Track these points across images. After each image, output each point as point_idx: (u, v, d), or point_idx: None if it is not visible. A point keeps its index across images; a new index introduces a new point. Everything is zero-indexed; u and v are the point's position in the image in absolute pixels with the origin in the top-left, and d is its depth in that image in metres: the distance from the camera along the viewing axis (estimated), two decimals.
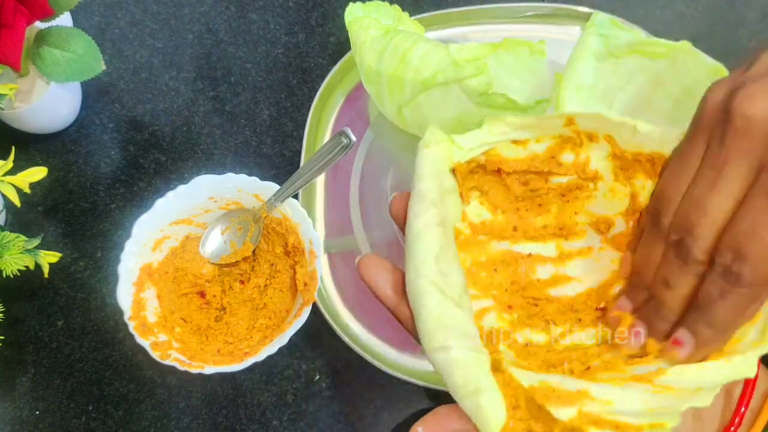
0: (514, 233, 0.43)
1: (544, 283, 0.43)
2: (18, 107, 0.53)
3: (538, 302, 0.42)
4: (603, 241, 0.42)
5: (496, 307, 0.41)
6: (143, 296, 0.49)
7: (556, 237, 0.43)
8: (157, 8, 0.65)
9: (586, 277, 0.42)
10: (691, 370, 0.32)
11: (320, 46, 0.63)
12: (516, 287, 0.42)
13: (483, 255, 0.43)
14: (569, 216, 0.43)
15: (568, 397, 0.33)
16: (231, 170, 0.51)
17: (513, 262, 0.43)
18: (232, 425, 0.51)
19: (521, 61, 0.57)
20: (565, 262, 0.43)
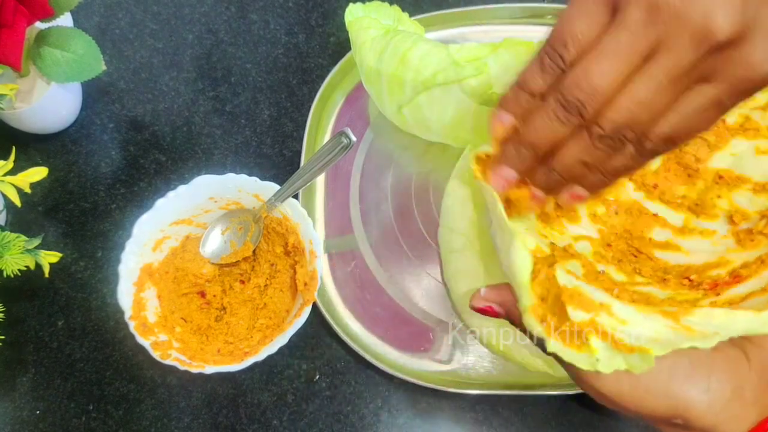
0: (653, 190, 0.43)
1: (656, 243, 0.43)
2: (18, 107, 0.54)
3: (639, 255, 0.42)
4: (729, 232, 0.42)
5: (597, 241, 0.42)
6: (144, 296, 0.49)
7: (689, 211, 0.43)
8: (157, 8, 0.65)
9: (696, 253, 0.42)
10: (719, 314, 0.32)
11: (320, 46, 0.64)
12: (626, 235, 0.43)
13: (612, 194, 0.43)
14: (711, 197, 0.43)
15: (590, 305, 0.34)
16: (231, 170, 0.51)
17: (637, 214, 0.43)
18: (232, 425, 0.51)
19: (521, 61, 0.57)
20: (685, 235, 0.43)
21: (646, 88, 0.29)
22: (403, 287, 0.54)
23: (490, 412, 0.50)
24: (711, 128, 0.34)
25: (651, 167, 0.44)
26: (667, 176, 0.44)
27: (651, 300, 0.38)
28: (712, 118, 0.31)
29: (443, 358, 0.51)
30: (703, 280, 0.40)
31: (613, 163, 0.32)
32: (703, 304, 0.37)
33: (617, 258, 0.42)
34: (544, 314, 0.35)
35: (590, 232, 0.43)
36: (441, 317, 0.52)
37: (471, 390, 0.50)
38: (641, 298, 0.38)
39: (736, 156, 0.42)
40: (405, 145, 0.58)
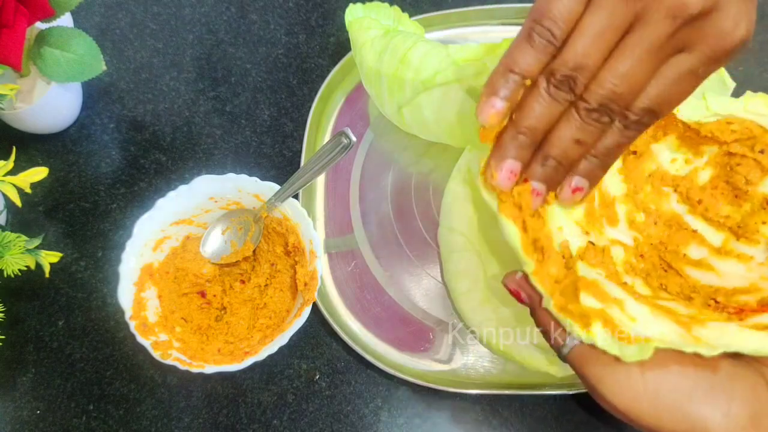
0: (697, 206, 0.43)
1: (689, 261, 0.42)
2: (19, 107, 0.54)
3: (669, 270, 0.42)
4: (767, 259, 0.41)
5: (630, 249, 0.41)
6: (144, 296, 0.49)
7: (731, 232, 0.43)
8: (157, 9, 0.65)
9: (728, 276, 0.41)
10: (731, 330, 0.32)
11: (320, 46, 0.64)
12: (661, 247, 0.42)
13: (654, 203, 0.43)
14: (755, 221, 0.42)
15: (604, 297, 0.34)
16: (231, 170, 0.51)
17: (677, 227, 0.43)
18: (232, 425, 0.51)
19: None
20: (721, 256, 0.42)
21: (625, 62, 0.30)
22: (403, 287, 0.54)
23: (490, 412, 0.50)
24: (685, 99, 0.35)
25: (698, 182, 0.43)
26: (714, 193, 0.43)
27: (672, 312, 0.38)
28: (688, 88, 0.32)
29: (443, 358, 0.51)
30: (730, 304, 0.39)
31: (605, 142, 0.33)
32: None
33: (646, 270, 0.41)
34: (552, 290, 0.35)
35: (626, 238, 0.42)
36: (441, 317, 0.52)
37: (471, 390, 0.50)
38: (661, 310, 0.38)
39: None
40: (405, 145, 0.58)
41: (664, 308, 0.38)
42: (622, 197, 0.43)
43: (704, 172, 0.43)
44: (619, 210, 0.42)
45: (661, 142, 0.43)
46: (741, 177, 0.42)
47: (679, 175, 0.43)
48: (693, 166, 0.43)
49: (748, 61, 0.59)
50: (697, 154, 0.43)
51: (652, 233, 0.43)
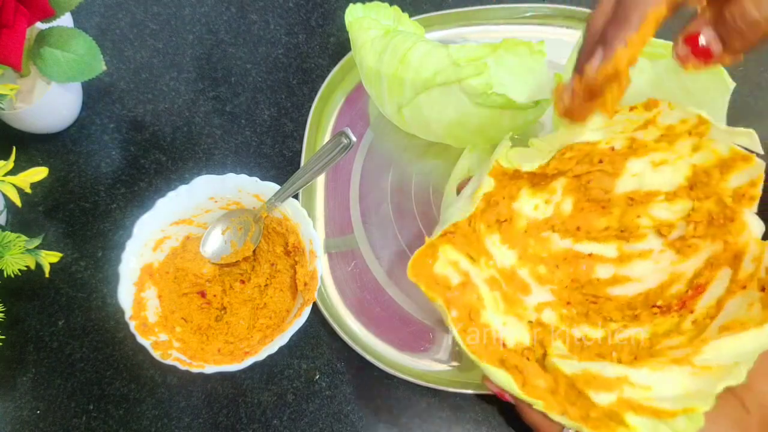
0: (577, 232, 0.45)
1: (604, 282, 0.44)
2: (19, 107, 0.54)
3: (597, 300, 0.44)
4: (664, 244, 0.43)
5: (555, 303, 0.43)
6: (144, 296, 0.49)
7: (618, 239, 0.45)
8: (157, 9, 0.65)
9: (646, 278, 0.43)
10: (727, 343, 0.33)
11: (320, 46, 0.64)
12: (576, 284, 0.44)
13: (544, 251, 0.45)
14: (632, 219, 0.44)
15: (608, 383, 0.35)
16: (231, 170, 0.51)
17: (574, 260, 0.45)
18: (232, 424, 0.51)
19: (521, 62, 0.57)
20: (625, 263, 0.44)
21: None
22: (403, 287, 0.54)
23: (490, 412, 0.50)
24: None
25: (565, 212, 0.45)
26: (584, 215, 0.45)
27: (640, 346, 0.39)
28: None
29: (443, 358, 0.51)
30: (669, 302, 0.41)
31: None
32: (686, 326, 0.38)
33: (582, 312, 0.43)
34: (562, 408, 0.35)
35: (545, 296, 0.44)
36: (441, 317, 0.52)
37: (471, 390, 0.50)
38: (630, 349, 0.39)
39: (637, 176, 0.44)
40: (405, 145, 0.58)
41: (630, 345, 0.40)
42: (518, 262, 0.45)
43: (565, 203, 0.45)
44: (522, 275, 0.44)
45: (518, 199, 0.45)
46: (597, 190, 0.44)
47: (547, 217, 0.45)
48: (553, 203, 0.45)
49: (748, 61, 0.59)
50: (551, 191, 0.45)
51: (561, 277, 0.44)
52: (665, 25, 0.63)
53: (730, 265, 0.40)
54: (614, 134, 0.42)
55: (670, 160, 0.42)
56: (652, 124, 0.42)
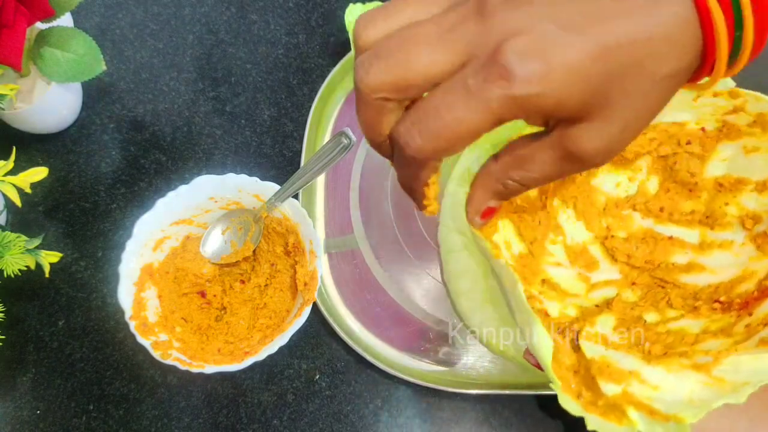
0: (660, 213, 0.43)
1: (679, 267, 0.42)
2: (19, 107, 0.54)
3: (665, 285, 0.42)
4: (746, 238, 0.41)
5: (621, 281, 0.42)
6: (144, 296, 0.49)
7: (702, 225, 0.43)
8: (157, 9, 0.65)
9: (721, 270, 0.41)
10: (746, 360, 0.32)
11: (320, 46, 0.64)
12: (649, 266, 0.42)
13: (623, 229, 0.43)
14: (719, 206, 0.42)
15: (619, 375, 0.34)
16: (231, 170, 0.51)
17: (653, 242, 0.43)
18: (232, 425, 0.51)
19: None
20: (705, 251, 0.42)
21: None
22: (403, 287, 0.54)
23: (490, 412, 0.50)
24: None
25: (651, 192, 0.43)
26: (669, 196, 0.43)
27: (686, 338, 0.38)
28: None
29: (443, 358, 0.51)
30: (733, 300, 0.39)
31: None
32: (738, 329, 0.37)
33: (643, 295, 0.41)
34: (578, 389, 0.35)
35: (612, 274, 0.42)
36: (441, 317, 0.52)
37: (471, 390, 0.50)
38: (675, 340, 0.38)
39: (727, 161, 0.42)
40: None
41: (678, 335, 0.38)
42: (590, 239, 0.43)
43: (650, 182, 0.43)
44: (593, 251, 0.43)
45: (598, 175, 0.43)
46: (684, 172, 0.42)
47: (630, 195, 0.43)
48: (637, 181, 0.43)
49: None
50: (635, 170, 0.43)
51: (635, 256, 0.43)
52: None
53: None
54: (704, 115, 0.40)
55: (763, 147, 0.40)
56: (742, 110, 0.40)
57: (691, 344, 0.37)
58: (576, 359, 0.36)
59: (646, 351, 0.37)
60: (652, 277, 0.42)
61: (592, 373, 0.34)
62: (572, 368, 0.36)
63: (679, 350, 0.37)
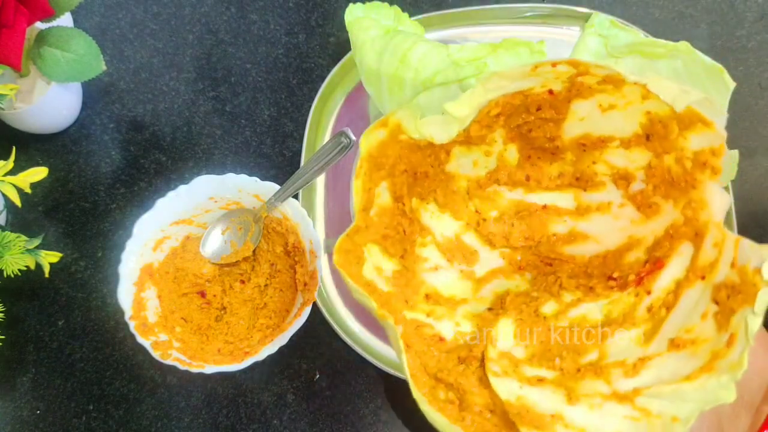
0: (528, 182, 0.40)
1: (561, 238, 0.40)
2: (19, 107, 0.54)
3: (552, 262, 0.40)
4: (624, 197, 0.39)
5: (506, 269, 0.40)
6: (144, 296, 0.49)
7: (573, 187, 0.40)
8: (157, 9, 0.65)
9: (604, 237, 0.40)
10: (668, 389, 0.31)
11: (320, 46, 0.64)
12: (530, 242, 0.40)
13: (492, 208, 0.40)
14: (587, 165, 0.40)
15: (542, 422, 0.33)
16: (231, 170, 0.51)
17: (527, 215, 0.40)
18: (232, 425, 0.51)
19: (521, 62, 0.57)
20: (583, 215, 0.40)
21: None
22: None
23: None
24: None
25: (512, 162, 0.40)
26: (532, 162, 0.40)
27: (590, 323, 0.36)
28: None
29: None
30: (626, 274, 0.37)
31: None
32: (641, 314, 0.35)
33: (533, 280, 0.39)
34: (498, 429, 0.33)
35: (495, 261, 0.40)
36: None
37: None
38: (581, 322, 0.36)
39: (585, 120, 0.39)
40: None
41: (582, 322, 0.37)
42: (461, 228, 0.40)
43: (509, 152, 0.40)
44: (468, 241, 0.40)
45: (451, 161, 0.39)
46: (542, 138, 0.39)
47: (490, 170, 0.40)
48: (495, 154, 0.40)
49: (747, 60, 0.59)
50: (490, 143, 0.40)
51: (513, 235, 0.40)
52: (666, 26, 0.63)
53: (692, 241, 0.36)
54: (548, 80, 0.37)
55: (619, 105, 0.37)
56: (587, 74, 0.37)
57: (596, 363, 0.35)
58: (488, 397, 0.34)
59: (559, 369, 0.35)
60: (537, 255, 0.39)
61: (511, 418, 0.33)
62: (487, 408, 0.34)
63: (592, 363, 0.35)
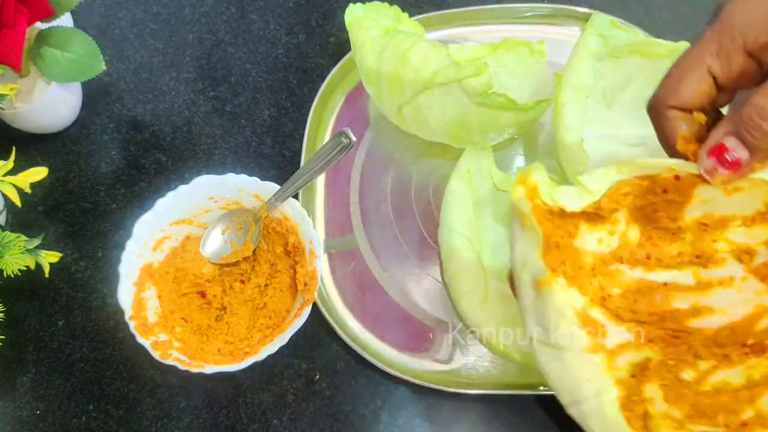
0: (648, 261, 0.41)
1: (684, 313, 0.41)
2: (19, 107, 0.54)
3: (679, 335, 0.40)
4: (746, 271, 0.40)
5: (635, 344, 0.40)
6: (144, 296, 0.49)
7: (694, 265, 0.41)
8: (157, 9, 0.65)
9: (729, 309, 0.40)
10: None
11: (320, 46, 0.64)
12: (654, 318, 0.41)
13: (616, 285, 0.41)
14: (707, 244, 0.41)
15: None
16: (231, 170, 0.51)
17: (648, 291, 0.41)
18: (232, 425, 0.51)
19: (521, 62, 0.57)
20: (705, 291, 0.41)
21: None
22: (403, 287, 0.54)
23: (490, 412, 0.50)
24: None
25: (633, 240, 0.42)
26: (653, 242, 0.41)
27: (733, 387, 0.37)
28: None
29: (443, 358, 0.51)
30: (762, 340, 0.38)
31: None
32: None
33: (664, 350, 0.40)
34: None
35: (622, 335, 0.40)
36: (441, 317, 0.52)
37: (471, 390, 0.50)
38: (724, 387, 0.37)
39: (708, 203, 0.40)
40: (405, 145, 0.58)
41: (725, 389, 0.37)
42: (588, 304, 0.41)
43: (631, 232, 0.42)
44: (595, 316, 0.40)
45: (578, 236, 0.41)
46: (665, 219, 0.41)
47: (613, 249, 0.42)
48: (618, 233, 0.42)
49: None
50: (614, 222, 0.42)
51: (638, 310, 0.41)
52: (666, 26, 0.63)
53: None
54: (678, 164, 0.39)
55: (745, 188, 0.39)
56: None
57: (751, 403, 0.36)
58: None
59: (723, 425, 0.35)
60: (663, 330, 0.40)
61: None
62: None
63: (752, 419, 0.35)
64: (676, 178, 0.39)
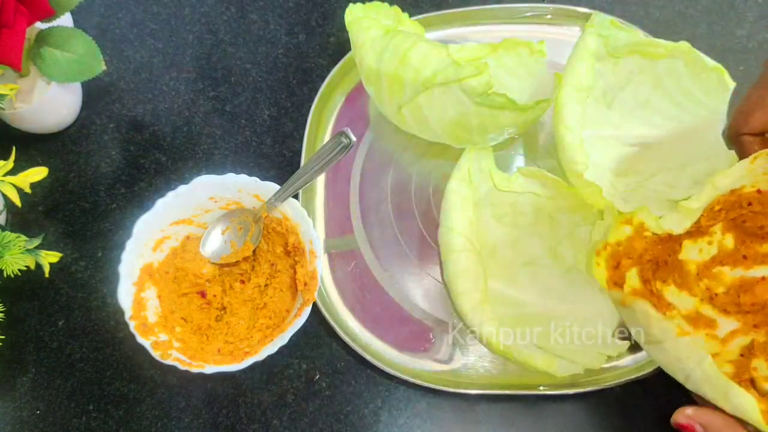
0: (745, 261, 0.47)
1: None
2: (19, 107, 0.54)
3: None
4: None
5: (743, 328, 0.46)
6: (144, 296, 0.49)
7: None
8: (157, 9, 0.65)
9: None
10: None
11: (320, 46, 0.64)
12: (756, 308, 0.46)
13: (720, 284, 0.47)
14: None
15: None
16: (231, 170, 0.51)
17: (749, 286, 0.47)
18: (232, 425, 0.51)
19: (521, 62, 0.57)
20: None
21: None
22: (403, 287, 0.54)
23: (490, 412, 0.50)
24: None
25: (729, 246, 0.47)
26: (747, 245, 0.47)
27: None
28: None
29: (443, 358, 0.51)
30: None
31: None
32: None
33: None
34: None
35: (732, 325, 0.45)
36: (441, 317, 0.52)
37: (471, 390, 0.50)
38: None
39: None
40: (405, 145, 0.58)
41: None
42: (699, 304, 0.47)
43: (726, 240, 0.47)
44: (706, 312, 0.46)
45: (682, 251, 0.47)
46: (754, 227, 0.46)
47: (713, 255, 0.47)
48: (716, 243, 0.47)
49: (747, 60, 0.59)
50: (711, 234, 0.47)
51: (742, 303, 0.46)
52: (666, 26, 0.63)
53: None
54: (757, 177, 0.44)
55: None
56: None
57: None
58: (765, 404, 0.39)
59: None
60: (765, 315, 0.46)
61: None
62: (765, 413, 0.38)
63: None
64: (758, 192, 0.45)
